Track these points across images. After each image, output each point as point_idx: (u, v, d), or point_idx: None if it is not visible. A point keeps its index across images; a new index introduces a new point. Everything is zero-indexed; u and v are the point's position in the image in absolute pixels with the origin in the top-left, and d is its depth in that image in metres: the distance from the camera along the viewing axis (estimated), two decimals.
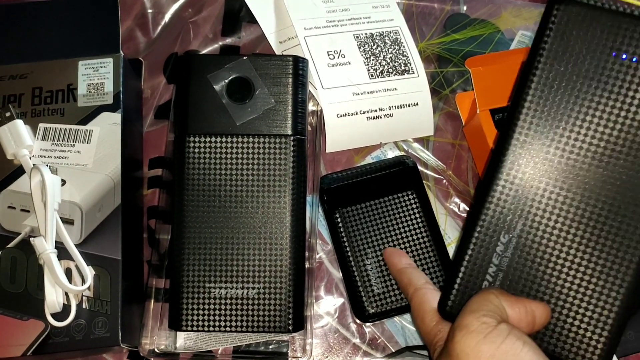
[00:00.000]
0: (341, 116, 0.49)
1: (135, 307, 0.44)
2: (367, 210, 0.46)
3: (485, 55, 0.52)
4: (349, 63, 0.50)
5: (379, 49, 0.50)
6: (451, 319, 0.35)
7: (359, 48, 0.50)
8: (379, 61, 0.50)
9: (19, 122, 0.44)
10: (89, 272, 0.41)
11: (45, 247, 0.40)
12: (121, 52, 0.47)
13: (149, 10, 0.54)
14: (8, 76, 0.46)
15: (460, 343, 0.32)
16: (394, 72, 0.50)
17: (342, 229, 0.46)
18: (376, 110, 0.49)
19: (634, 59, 0.34)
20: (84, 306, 0.41)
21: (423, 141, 0.51)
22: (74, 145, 0.44)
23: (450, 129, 0.52)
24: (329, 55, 0.50)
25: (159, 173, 0.50)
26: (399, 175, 0.47)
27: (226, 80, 0.43)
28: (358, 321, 0.46)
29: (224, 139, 0.42)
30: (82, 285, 0.41)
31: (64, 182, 0.43)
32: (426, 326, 0.37)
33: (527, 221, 0.36)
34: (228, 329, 0.41)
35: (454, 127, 0.52)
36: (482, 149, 0.48)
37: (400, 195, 0.47)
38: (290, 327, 0.41)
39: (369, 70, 0.50)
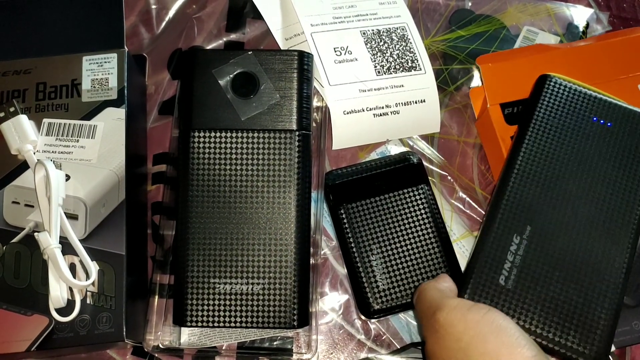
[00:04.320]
0: (348, 113, 0.48)
1: (139, 302, 0.44)
2: (373, 206, 0.46)
3: (495, 53, 0.52)
4: (356, 59, 0.49)
5: (386, 45, 0.50)
6: None
7: (366, 44, 0.50)
8: (386, 58, 0.50)
9: (23, 117, 0.44)
10: (94, 267, 0.41)
11: (49, 242, 0.40)
12: (125, 47, 0.46)
13: (153, 6, 0.54)
14: (12, 71, 0.46)
15: (447, 317, 0.35)
16: (401, 69, 0.50)
17: (347, 225, 0.46)
18: (383, 107, 0.49)
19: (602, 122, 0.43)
20: (88, 301, 0.41)
21: (428, 138, 0.51)
22: (78, 141, 0.44)
23: (455, 125, 0.51)
24: (335, 51, 0.49)
25: (163, 169, 0.50)
26: (405, 172, 0.47)
27: (231, 75, 0.43)
28: (363, 317, 0.46)
29: (228, 134, 0.42)
30: (87, 280, 0.41)
31: (68, 177, 0.43)
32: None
33: (536, 224, 0.40)
34: (233, 324, 0.41)
35: (459, 123, 0.51)
36: (492, 143, 0.48)
37: (405, 191, 0.46)
38: (295, 323, 0.41)
39: (375, 66, 0.50)
